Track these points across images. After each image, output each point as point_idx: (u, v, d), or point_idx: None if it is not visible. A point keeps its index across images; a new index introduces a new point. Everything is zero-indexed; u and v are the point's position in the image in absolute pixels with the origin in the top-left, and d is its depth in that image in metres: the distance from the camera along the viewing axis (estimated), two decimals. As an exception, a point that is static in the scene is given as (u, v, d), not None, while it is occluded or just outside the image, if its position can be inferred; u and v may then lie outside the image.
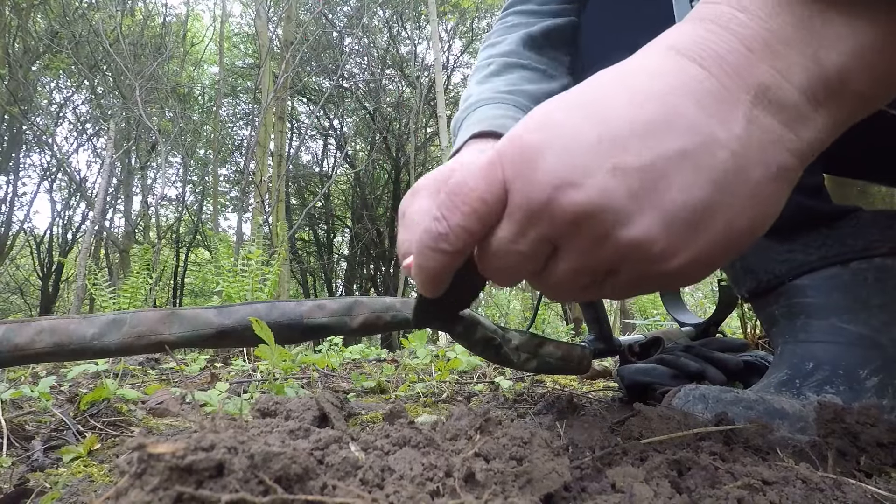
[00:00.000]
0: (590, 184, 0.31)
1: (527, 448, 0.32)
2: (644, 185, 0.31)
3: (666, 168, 0.31)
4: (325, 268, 11.49)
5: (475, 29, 11.00)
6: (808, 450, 0.47)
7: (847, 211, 0.63)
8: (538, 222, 0.33)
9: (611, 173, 0.31)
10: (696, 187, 0.31)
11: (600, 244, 0.33)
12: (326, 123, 11.46)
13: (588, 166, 0.31)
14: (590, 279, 0.36)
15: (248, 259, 2.85)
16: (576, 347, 0.81)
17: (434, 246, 0.36)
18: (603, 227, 0.32)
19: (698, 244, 0.32)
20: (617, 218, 0.31)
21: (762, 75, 0.31)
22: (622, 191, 0.31)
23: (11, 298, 11.59)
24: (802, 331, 0.63)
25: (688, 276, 0.34)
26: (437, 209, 0.36)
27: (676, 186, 0.31)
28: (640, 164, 0.31)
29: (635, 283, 0.36)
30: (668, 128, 0.31)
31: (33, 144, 9.86)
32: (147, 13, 8.92)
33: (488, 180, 0.34)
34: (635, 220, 0.31)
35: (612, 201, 0.31)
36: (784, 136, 0.32)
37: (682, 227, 0.32)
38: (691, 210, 0.31)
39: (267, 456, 0.24)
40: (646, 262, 0.33)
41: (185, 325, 0.62)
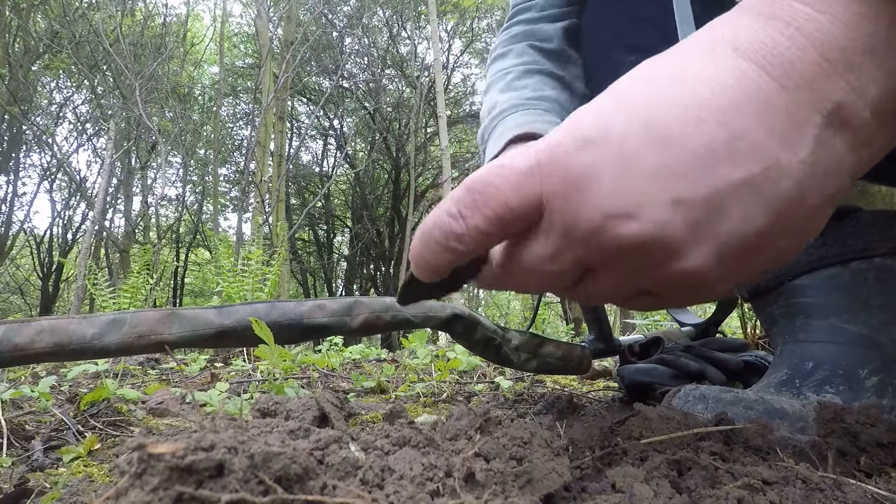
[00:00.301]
0: (647, 216, 0.29)
1: (527, 448, 0.32)
2: (704, 216, 0.29)
3: (727, 198, 0.28)
4: (325, 268, 11.50)
5: (475, 29, 11.00)
6: (808, 450, 0.47)
7: (847, 211, 0.63)
8: (580, 246, 0.31)
9: (670, 205, 0.28)
10: (756, 217, 0.29)
11: (649, 273, 0.31)
12: (326, 123, 11.46)
13: (645, 196, 0.29)
14: (623, 298, 0.35)
15: (248, 259, 2.85)
16: (576, 347, 0.81)
17: (444, 243, 0.33)
18: (655, 259, 0.30)
19: (744, 270, 0.31)
20: (672, 251, 0.30)
21: (838, 92, 0.28)
22: (681, 223, 0.29)
23: (11, 298, 11.59)
24: (802, 331, 0.63)
25: (723, 294, 0.34)
26: (454, 205, 0.32)
27: (735, 217, 0.29)
28: (702, 195, 0.28)
29: (671, 301, 0.35)
30: (731, 153, 0.28)
31: (33, 144, 9.86)
32: (147, 13, 8.92)
33: (521, 189, 0.31)
34: (691, 252, 0.29)
35: (672, 235, 0.29)
36: (847, 159, 0.29)
37: (736, 257, 0.30)
38: (747, 241, 0.29)
39: (267, 456, 0.24)
40: (691, 288, 0.32)
41: (185, 325, 0.62)
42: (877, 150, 0.30)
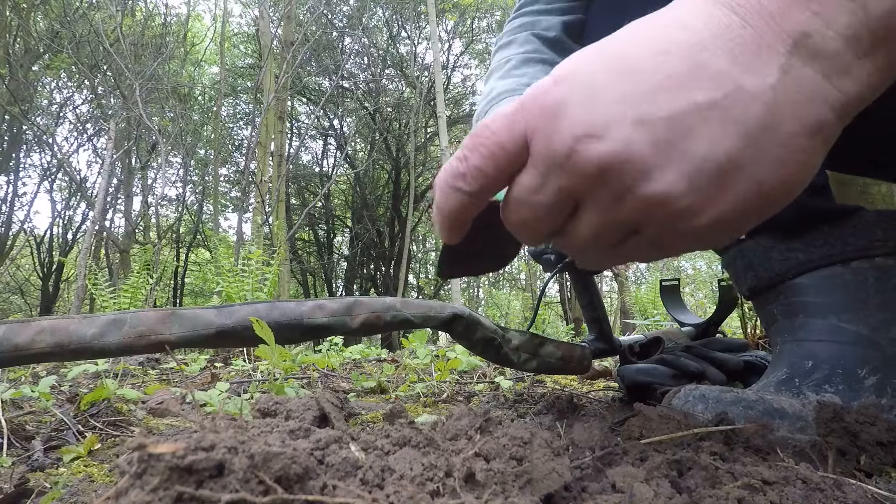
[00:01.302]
0: (612, 135, 0.30)
1: (527, 448, 0.32)
2: (669, 137, 0.30)
3: (692, 120, 0.30)
4: (325, 268, 11.49)
5: (475, 29, 11.00)
6: (808, 449, 0.47)
7: (849, 210, 0.63)
8: (559, 172, 0.33)
9: (634, 125, 0.30)
10: (724, 140, 0.30)
11: (622, 198, 0.32)
12: (326, 123, 11.46)
13: (611, 118, 0.31)
14: (613, 238, 0.35)
15: (248, 259, 2.85)
16: (576, 347, 0.81)
17: (452, 183, 0.36)
18: (625, 181, 0.31)
19: (725, 201, 0.31)
20: (640, 171, 0.31)
21: (802, 22, 0.29)
22: (646, 143, 0.30)
23: (11, 298, 11.59)
24: (802, 329, 0.63)
25: (714, 236, 0.33)
26: (461, 150, 0.36)
27: (703, 139, 0.30)
28: (664, 115, 0.30)
29: (660, 242, 0.35)
30: (695, 79, 0.30)
31: (33, 144, 9.86)
32: (147, 13, 8.91)
33: (509, 127, 0.34)
34: (659, 173, 0.30)
35: (635, 153, 0.30)
36: (823, 88, 0.29)
37: (708, 182, 0.30)
38: (718, 164, 0.30)
39: (267, 456, 0.24)
40: (669, 219, 0.32)
41: (185, 325, 0.62)
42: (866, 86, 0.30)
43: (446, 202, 0.37)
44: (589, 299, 0.87)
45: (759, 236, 0.67)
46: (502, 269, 0.55)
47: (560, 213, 0.35)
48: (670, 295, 1.16)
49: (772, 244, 0.66)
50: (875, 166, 0.75)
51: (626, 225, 0.34)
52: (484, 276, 15.06)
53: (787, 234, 0.65)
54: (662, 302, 1.17)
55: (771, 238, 0.66)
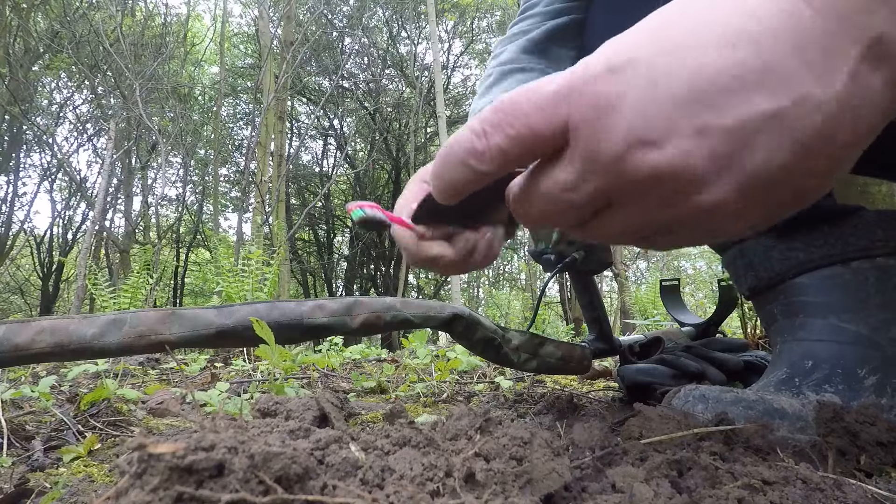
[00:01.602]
0: (671, 144, 0.28)
1: (527, 448, 0.32)
2: (729, 149, 0.28)
3: (754, 129, 0.28)
4: (325, 268, 11.49)
5: (475, 29, 11.00)
6: (808, 449, 0.47)
7: (850, 210, 0.63)
8: (603, 176, 0.30)
9: (695, 135, 0.28)
10: (780, 153, 0.28)
11: (668, 206, 0.30)
12: (326, 123, 11.46)
13: (671, 124, 0.28)
14: (642, 235, 0.34)
15: (248, 259, 2.85)
16: (576, 347, 0.81)
17: (464, 159, 0.33)
18: (677, 190, 0.29)
19: (762, 209, 0.30)
20: (695, 182, 0.29)
21: (879, 22, 0.26)
22: (705, 154, 0.28)
23: (11, 298, 11.59)
24: (802, 329, 0.63)
25: (741, 233, 0.33)
26: (480, 123, 0.32)
27: (761, 150, 0.28)
28: (728, 125, 0.28)
29: (688, 240, 0.34)
30: (762, 83, 0.27)
31: (33, 144, 9.86)
32: (147, 13, 8.91)
33: (548, 112, 0.31)
34: (713, 184, 0.29)
35: (693, 166, 0.28)
36: (884, 96, 0.27)
37: (756, 192, 0.29)
38: (771, 175, 0.28)
39: (267, 456, 0.24)
40: (710, 224, 0.31)
41: (185, 325, 0.62)
42: None
43: (450, 175, 0.34)
44: (589, 299, 0.87)
45: (760, 236, 0.67)
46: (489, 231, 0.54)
47: (591, 209, 0.33)
48: (670, 295, 1.16)
49: (772, 244, 0.66)
50: (876, 166, 0.75)
51: (661, 227, 0.33)
52: (484, 277, 15.05)
53: (788, 234, 0.65)
54: (662, 302, 1.17)
55: (771, 237, 0.66)
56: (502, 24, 10.41)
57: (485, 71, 0.88)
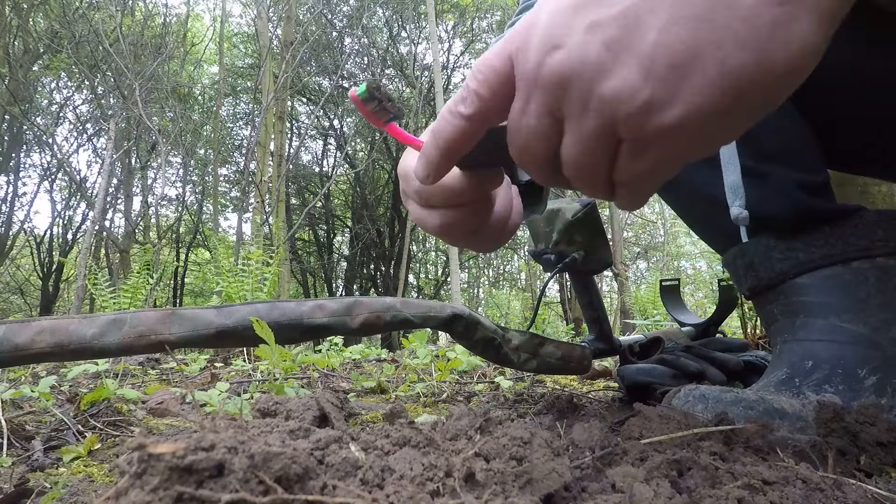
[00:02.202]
0: (570, 43, 0.32)
1: (527, 448, 0.32)
2: (619, 33, 0.30)
3: (640, 11, 0.30)
4: (325, 268, 11.49)
5: (475, 29, 11.00)
6: (808, 450, 0.47)
7: (850, 210, 0.63)
8: (535, 90, 0.34)
9: (588, 29, 0.31)
10: (673, 26, 0.29)
11: (587, 102, 0.33)
12: (326, 123, 11.46)
13: (569, 26, 0.32)
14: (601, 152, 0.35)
15: (247, 259, 2.85)
16: (576, 347, 0.81)
17: (452, 108, 0.38)
18: (584, 84, 0.32)
19: (690, 91, 0.29)
20: (596, 72, 0.31)
21: None
22: (598, 44, 0.31)
23: (11, 298, 11.59)
24: (802, 329, 0.62)
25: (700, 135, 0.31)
26: (465, 83, 0.38)
27: (651, 29, 0.30)
28: (612, 13, 0.31)
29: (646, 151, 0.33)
30: None
31: (33, 144, 9.86)
32: (147, 13, 8.91)
33: (499, 52, 0.36)
34: (614, 71, 0.31)
35: (589, 55, 0.31)
36: None
37: (665, 71, 0.29)
38: (672, 53, 0.29)
39: (267, 456, 0.24)
40: (638, 118, 0.31)
41: (185, 325, 0.62)
42: None
43: (444, 128, 0.39)
44: (589, 299, 0.87)
45: (760, 235, 0.67)
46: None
47: (548, 133, 0.36)
48: (670, 295, 1.16)
49: (773, 244, 0.66)
50: (877, 165, 0.75)
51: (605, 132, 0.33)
52: (484, 277, 15.05)
53: (788, 234, 0.65)
54: (662, 302, 1.17)
55: (772, 237, 0.66)
56: (502, 25, 10.41)
57: None
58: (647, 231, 14.36)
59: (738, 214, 0.64)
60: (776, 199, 0.63)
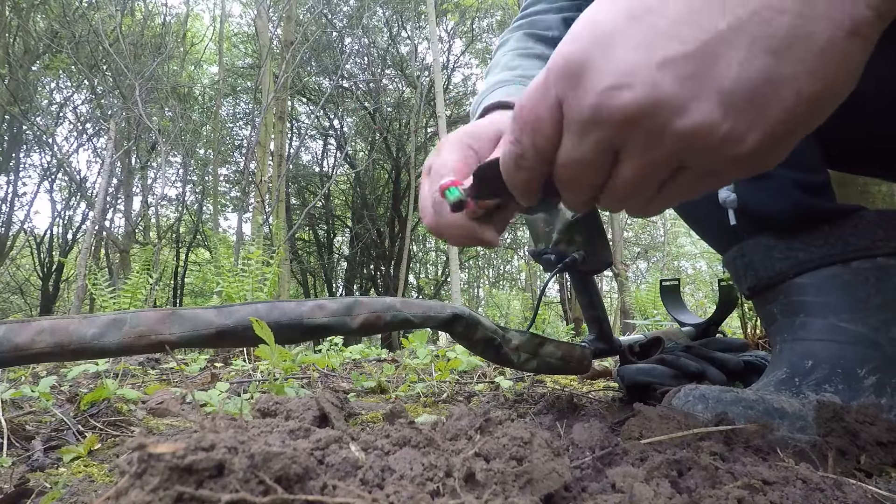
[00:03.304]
0: (638, 82, 0.31)
1: (527, 448, 0.32)
2: (696, 70, 0.30)
3: (717, 48, 0.30)
4: (325, 268, 11.49)
5: (476, 28, 11.00)
6: (808, 449, 0.47)
7: (850, 210, 0.63)
8: (593, 129, 0.34)
9: (658, 67, 0.30)
10: (753, 61, 0.29)
11: (659, 138, 0.32)
12: (326, 123, 11.45)
13: (635, 65, 0.31)
14: (659, 177, 0.35)
15: (247, 259, 2.85)
16: (576, 347, 0.81)
17: (518, 165, 0.39)
18: (658, 121, 0.31)
19: (767, 120, 0.31)
20: (671, 109, 0.31)
21: None
22: (672, 81, 0.30)
23: (11, 298, 11.58)
24: (801, 329, 0.62)
25: (761, 159, 0.33)
26: (510, 134, 0.39)
27: (732, 64, 0.29)
28: (688, 50, 0.30)
29: (707, 175, 0.35)
30: (713, 4, 0.30)
31: (33, 144, 9.85)
32: (147, 13, 8.91)
33: (543, 98, 0.35)
34: (691, 107, 0.30)
35: (664, 94, 0.31)
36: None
37: (745, 104, 0.30)
38: (751, 85, 0.30)
39: (267, 456, 0.24)
40: (715, 150, 0.32)
41: (185, 325, 0.61)
42: None
43: (517, 179, 0.40)
44: (589, 299, 0.87)
45: (760, 235, 0.67)
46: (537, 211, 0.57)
47: (603, 165, 0.36)
48: (670, 295, 1.16)
49: (773, 243, 0.66)
50: (879, 166, 0.75)
51: (669, 163, 0.34)
52: (484, 277, 15.05)
53: (788, 234, 0.65)
54: (662, 302, 1.17)
55: (772, 237, 0.66)
56: (503, 24, 10.41)
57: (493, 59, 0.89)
58: (647, 231, 14.36)
59: (725, 197, 0.65)
60: (776, 199, 0.64)
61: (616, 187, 0.37)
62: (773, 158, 0.34)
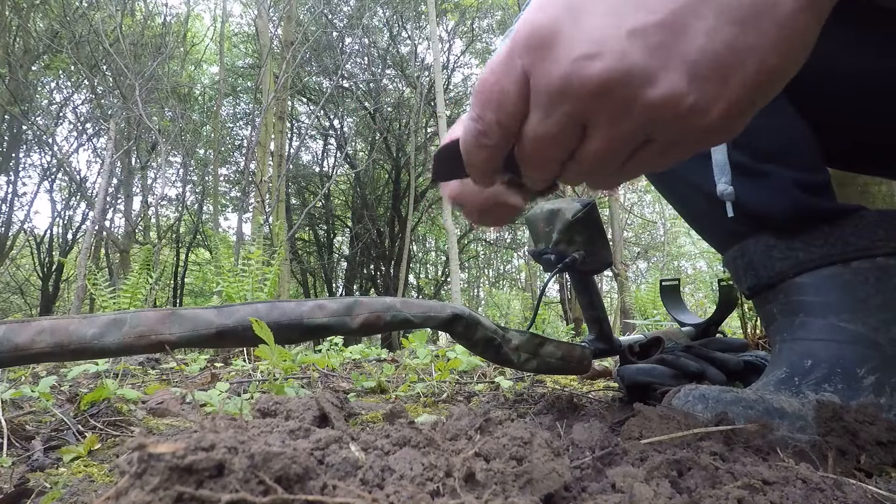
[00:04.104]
0: (608, 51, 0.30)
1: (527, 448, 0.32)
2: (664, 40, 0.30)
3: (685, 18, 0.30)
4: (325, 268, 11.49)
5: (476, 29, 11.00)
6: (808, 449, 0.47)
7: (850, 210, 0.63)
8: (562, 100, 0.33)
9: (628, 36, 0.30)
10: (720, 31, 0.29)
11: (629, 109, 0.32)
12: (326, 123, 11.45)
13: (604, 34, 0.31)
14: (626, 149, 0.35)
15: (248, 259, 2.85)
16: (576, 347, 0.81)
17: (477, 143, 0.38)
18: (628, 92, 0.31)
19: (731, 90, 0.31)
20: (641, 79, 0.30)
21: None
22: (642, 51, 0.30)
23: (11, 298, 11.58)
24: (801, 328, 0.63)
25: (726, 128, 0.33)
26: (472, 110, 0.37)
27: (698, 34, 0.30)
28: (657, 20, 0.30)
29: (674, 146, 0.35)
30: None
31: (33, 144, 9.85)
32: (147, 13, 8.91)
33: (508, 72, 0.34)
34: (660, 77, 0.30)
35: (634, 64, 0.30)
36: None
37: (711, 75, 0.30)
38: (717, 56, 0.30)
39: (267, 456, 0.24)
40: (681, 120, 0.32)
41: (185, 325, 0.61)
42: None
43: (477, 158, 0.39)
44: (589, 299, 0.87)
45: (761, 234, 0.67)
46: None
47: (570, 138, 0.35)
48: (670, 295, 1.16)
49: (773, 243, 0.66)
50: (879, 164, 0.75)
51: (637, 134, 0.34)
52: (484, 277, 15.04)
53: (788, 234, 0.65)
54: (662, 302, 1.17)
55: (772, 236, 0.66)
56: (503, 24, 10.41)
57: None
58: (647, 231, 14.36)
59: (723, 190, 0.65)
60: (776, 199, 0.64)
61: (581, 161, 0.36)
62: (734, 130, 0.34)
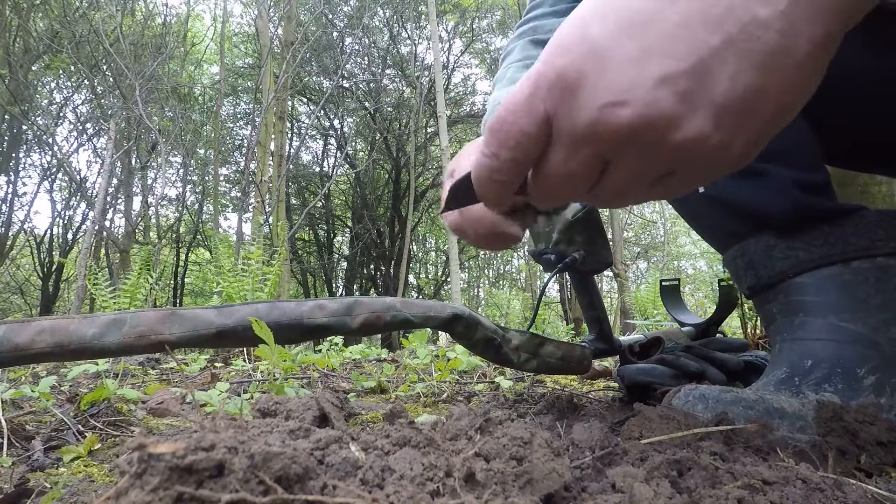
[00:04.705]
0: (636, 98, 0.31)
1: (527, 448, 0.32)
2: (692, 86, 0.30)
3: (711, 63, 0.30)
4: (325, 268, 11.49)
5: (476, 29, 11.00)
6: (808, 449, 0.47)
7: (851, 210, 0.63)
8: (589, 143, 0.33)
9: (657, 84, 0.30)
10: (742, 75, 0.30)
11: (654, 151, 0.33)
12: (326, 123, 11.45)
13: (632, 81, 0.31)
14: (647, 183, 0.36)
15: (248, 259, 2.85)
16: (576, 347, 0.81)
17: (491, 178, 0.38)
18: (655, 136, 0.32)
19: (751, 128, 0.32)
20: (668, 124, 0.31)
21: None
22: (669, 98, 0.31)
23: (11, 298, 11.58)
24: (801, 328, 0.62)
25: (740, 162, 0.34)
26: (486, 147, 0.37)
27: (723, 79, 0.30)
28: (685, 67, 0.30)
29: (694, 178, 0.36)
30: (707, 20, 0.30)
31: (33, 144, 9.85)
32: (147, 13, 8.91)
33: (529, 112, 0.34)
34: (687, 121, 0.31)
35: (662, 111, 0.31)
36: (833, 1, 0.29)
37: (734, 116, 0.31)
38: (741, 98, 0.30)
39: (267, 456, 0.24)
40: (703, 158, 0.33)
41: (185, 325, 0.61)
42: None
43: (490, 191, 0.39)
44: (589, 299, 0.87)
45: (761, 234, 0.67)
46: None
47: (592, 176, 0.36)
48: (670, 295, 1.16)
49: (773, 243, 0.66)
50: (879, 162, 0.75)
51: (658, 171, 0.35)
52: (484, 277, 15.04)
53: (788, 234, 0.65)
54: (662, 302, 1.17)
55: (772, 236, 0.66)
56: (503, 24, 10.42)
57: (499, 71, 0.90)
58: (647, 231, 14.37)
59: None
60: (776, 198, 0.64)
61: (600, 193, 0.37)
62: (749, 159, 0.35)
